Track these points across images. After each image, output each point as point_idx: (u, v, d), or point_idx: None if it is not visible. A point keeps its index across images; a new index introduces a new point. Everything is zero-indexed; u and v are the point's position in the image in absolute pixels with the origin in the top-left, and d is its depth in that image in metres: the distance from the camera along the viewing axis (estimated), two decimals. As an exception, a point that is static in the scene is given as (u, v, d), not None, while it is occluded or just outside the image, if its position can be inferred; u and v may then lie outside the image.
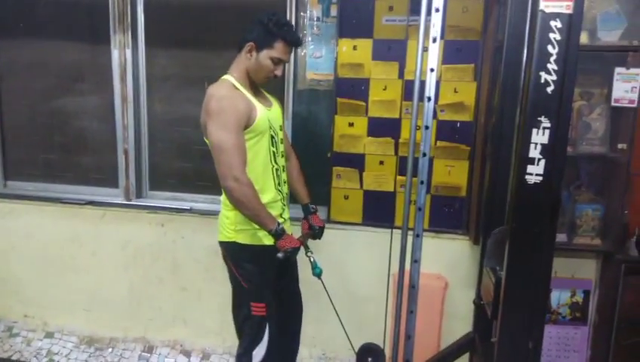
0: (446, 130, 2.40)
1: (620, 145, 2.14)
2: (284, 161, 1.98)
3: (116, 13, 2.64)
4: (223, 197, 1.90)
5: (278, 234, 1.78)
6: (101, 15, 2.67)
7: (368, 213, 2.56)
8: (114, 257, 2.80)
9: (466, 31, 2.31)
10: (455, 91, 2.36)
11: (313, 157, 2.56)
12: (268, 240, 1.86)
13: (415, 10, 2.31)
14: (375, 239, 2.53)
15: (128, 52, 2.67)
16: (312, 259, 1.94)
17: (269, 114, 1.88)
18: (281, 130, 1.97)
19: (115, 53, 2.68)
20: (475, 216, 2.31)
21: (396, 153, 2.47)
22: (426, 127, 1.80)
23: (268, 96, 1.99)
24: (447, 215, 2.49)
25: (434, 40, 1.75)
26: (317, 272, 1.94)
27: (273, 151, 1.90)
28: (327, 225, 2.26)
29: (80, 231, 2.81)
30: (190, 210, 2.73)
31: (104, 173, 2.88)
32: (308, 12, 2.50)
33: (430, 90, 1.77)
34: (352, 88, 2.45)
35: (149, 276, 2.79)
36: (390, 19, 2.37)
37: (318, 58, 2.53)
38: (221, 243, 1.91)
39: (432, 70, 1.77)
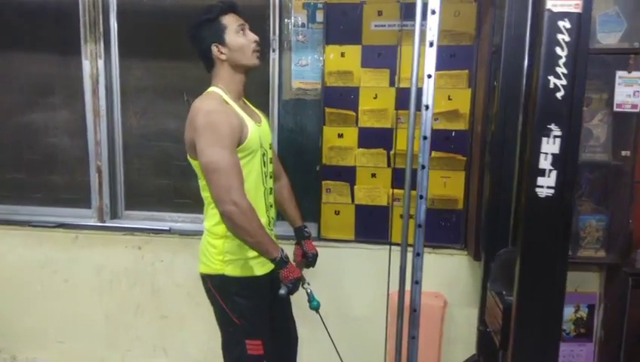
0: (440, 140, 2.29)
1: (623, 153, 2.06)
2: (272, 183, 1.83)
3: (87, 22, 2.49)
4: (207, 224, 1.72)
5: (283, 262, 1.60)
6: (71, 24, 2.51)
7: (361, 229, 2.43)
8: (88, 283, 2.61)
9: (459, 35, 2.22)
10: (449, 99, 2.26)
11: (301, 171, 2.43)
12: (260, 270, 1.71)
13: (406, 14, 2.23)
14: (369, 256, 2.40)
15: (100, 63, 2.51)
16: (308, 291, 1.73)
17: (259, 130, 1.73)
18: (270, 148, 1.82)
19: (87, 64, 2.52)
20: (475, 230, 2.20)
21: (389, 165, 2.35)
22: (424, 138, 1.68)
23: (256, 110, 1.84)
24: (444, 229, 2.38)
25: (431, 44, 1.64)
26: (314, 306, 1.74)
27: (264, 172, 1.75)
28: (317, 243, 2.13)
29: (51, 256, 2.62)
30: (170, 231, 2.56)
31: (76, 193, 2.70)
32: (292, 18, 2.38)
33: (428, 98, 1.66)
34: (340, 97, 2.33)
35: (126, 303, 2.60)
36: (379, 25, 2.26)
37: (304, 66, 2.41)
38: (205, 275, 1.73)
39: (429, 76, 1.66)
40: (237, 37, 1.66)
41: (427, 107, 1.66)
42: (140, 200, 2.69)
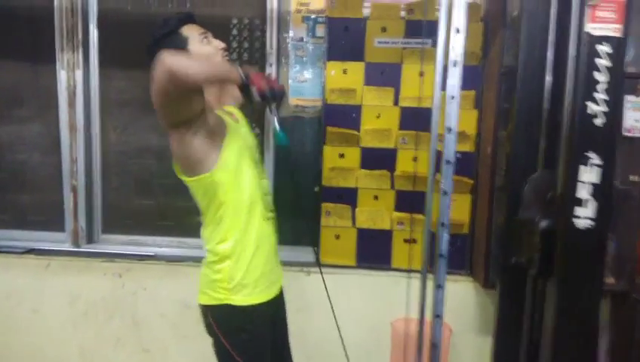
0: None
1: (631, 177, 2.04)
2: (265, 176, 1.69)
3: (64, 29, 2.29)
4: (209, 245, 1.56)
5: (247, 74, 1.39)
6: (46, 30, 2.31)
7: (362, 254, 2.32)
8: (60, 314, 2.37)
9: (467, 56, 2.15)
10: (453, 119, 2.19)
11: (299, 192, 2.29)
12: (267, 294, 1.56)
13: (411, 32, 2.16)
14: (371, 283, 2.29)
15: (78, 73, 2.32)
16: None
17: (237, 126, 1.60)
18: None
19: (63, 75, 2.32)
20: (484, 255, 2.13)
21: (392, 187, 2.25)
22: (448, 162, 1.59)
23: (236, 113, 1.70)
24: (448, 254, 2.28)
25: (454, 64, 1.56)
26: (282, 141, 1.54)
27: (257, 173, 1.61)
28: (315, 269, 2.00)
29: (19, 285, 2.37)
30: (154, 257, 2.37)
31: (48, 215, 2.47)
32: (291, 32, 2.27)
33: (451, 120, 1.57)
34: (342, 116, 2.22)
35: (103, 336, 2.38)
36: (383, 42, 2.18)
37: (303, 82, 2.30)
38: (206, 307, 1.57)
39: (452, 98, 1.57)
40: (202, 46, 1.52)
41: (450, 130, 1.57)
42: (119, 222, 2.49)
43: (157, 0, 2.34)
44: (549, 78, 1.70)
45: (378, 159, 2.24)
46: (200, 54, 1.50)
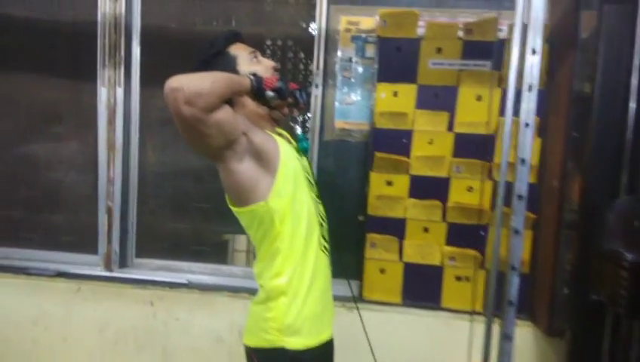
0: (505, 194, 2.04)
1: None
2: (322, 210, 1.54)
3: (106, 45, 2.24)
4: (262, 279, 1.40)
5: (259, 78, 1.30)
6: (87, 46, 2.27)
7: (409, 291, 2.15)
8: (89, 343, 2.28)
9: (530, 78, 1.99)
10: (516, 148, 2.02)
11: (342, 220, 2.14)
12: (329, 330, 1.41)
13: (468, 53, 2.02)
14: (418, 323, 2.11)
15: (119, 91, 2.26)
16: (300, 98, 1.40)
17: (293, 150, 1.45)
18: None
19: (103, 92, 2.26)
20: (548, 298, 1.93)
21: (444, 219, 2.09)
22: (519, 197, 1.43)
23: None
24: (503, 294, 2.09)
25: (530, 88, 1.41)
26: (304, 145, 1.47)
27: (314, 199, 1.44)
28: (359, 305, 1.85)
29: (47, 310, 2.29)
30: (187, 285, 2.25)
31: (80, 236, 2.40)
32: (339, 52, 2.16)
33: (525, 150, 1.41)
34: (391, 141, 2.09)
35: (132, 367, 2.26)
36: (438, 63, 2.05)
37: (350, 105, 2.18)
38: (252, 349, 1.42)
39: (527, 125, 1.41)
40: (251, 66, 1.40)
41: (524, 161, 1.42)
42: (153, 246, 2.40)
43: (202, 17, 2.27)
44: (633, 105, 1.53)
45: (429, 188, 2.09)
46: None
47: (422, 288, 2.13)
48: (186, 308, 2.22)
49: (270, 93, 1.30)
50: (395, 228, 2.12)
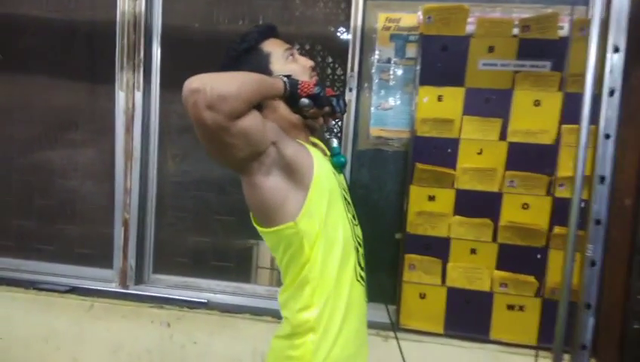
0: (566, 212, 1.80)
1: None
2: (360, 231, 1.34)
3: (125, 47, 2.11)
4: (287, 310, 1.21)
5: (293, 81, 1.13)
6: (105, 48, 2.15)
7: (453, 320, 1.93)
8: (101, 365, 2.13)
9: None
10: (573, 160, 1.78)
11: (377, 238, 1.96)
12: None
13: (525, 52, 1.80)
14: (463, 357, 1.89)
15: (138, 95, 2.12)
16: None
17: (329, 164, 1.26)
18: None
19: (121, 96, 2.13)
20: (617, 335, 1.68)
21: (495, 240, 1.87)
22: (597, 222, 1.20)
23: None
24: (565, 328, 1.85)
25: (611, 92, 1.18)
26: (342, 160, 1.27)
27: (350, 220, 1.27)
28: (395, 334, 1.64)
29: (58, 328, 2.16)
30: (207, 304, 2.09)
31: (95, 249, 2.27)
32: (376, 52, 1.97)
33: (605, 167, 1.19)
34: (434, 151, 1.88)
35: (145, 393, 2.10)
36: (489, 64, 1.83)
37: (387, 110, 1.98)
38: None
39: (607, 137, 1.19)
40: (287, 64, 1.22)
41: (603, 179, 1.19)
42: (171, 261, 2.25)
43: (227, 16, 2.11)
44: None
45: (478, 204, 1.87)
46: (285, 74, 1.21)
47: (468, 317, 1.91)
48: (205, 330, 2.06)
49: (305, 101, 1.12)
50: (438, 248, 1.91)
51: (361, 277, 1.25)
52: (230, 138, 1.00)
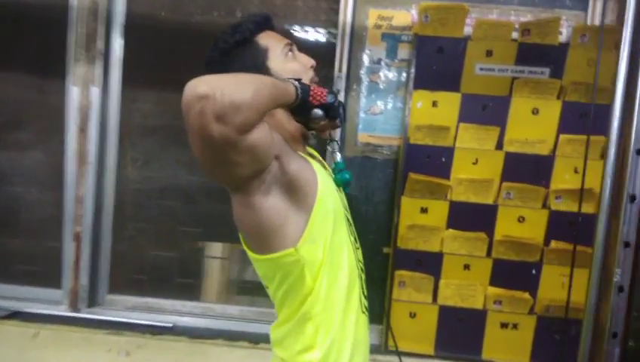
0: (562, 226, 1.75)
1: None
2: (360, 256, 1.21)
3: (81, 36, 1.87)
4: (285, 353, 1.06)
5: (305, 87, 0.98)
6: (57, 36, 1.90)
7: (444, 340, 1.84)
8: (46, 401, 1.87)
9: (596, 92, 1.71)
10: (576, 172, 1.74)
11: (364, 253, 1.81)
12: None
13: (524, 57, 1.73)
14: (456, 380, 1.79)
15: (95, 91, 1.90)
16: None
17: (332, 183, 1.11)
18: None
19: (74, 92, 1.89)
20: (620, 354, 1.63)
21: (489, 254, 1.79)
22: (627, 245, 1.12)
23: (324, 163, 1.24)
24: (557, 344, 1.80)
25: (643, 103, 1.11)
26: (347, 177, 1.12)
27: (353, 243, 1.13)
28: (383, 357, 1.53)
29: (-6, 360, 1.88)
30: (173, 329, 1.88)
31: (42, 266, 2.02)
32: (367, 52, 1.84)
33: (635, 185, 1.11)
34: (428, 160, 1.78)
35: None
36: (487, 68, 1.76)
37: (377, 115, 1.86)
38: None
39: (638, 152, 1.12)
40: (286, 62, 1.07)
41: (633, 198, 1.11)
42: (130, 280, 2.02)
43: (199, 6, 1.93)
44: None
45: (472, 217, 1.79)
46: (284, 73, 1.05)
47: (460, 336, 1.83)
48: (170, 359, 1.84)
49: (318, 112, 0.97)
50: (430, 264, 1.81)
51: (366, 307, 1.11)
52: (236, 155, 0.84)
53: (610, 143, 1.16)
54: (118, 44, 1.92)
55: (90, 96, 1.88)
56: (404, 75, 1.84)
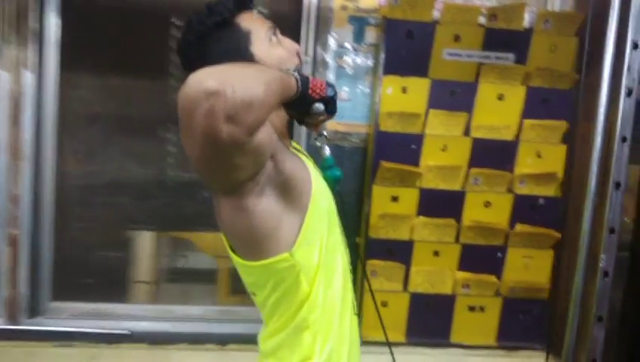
0: (525, 209, 1.81)
1: None
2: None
3: (10, 12, 1.63)
4: (268, 342, 1.00)
5: (305, 79, 0.89)
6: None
7: (415, 327, 1.85)
8: None
9: (557, 77, 1.77)
10: (538, 156, 1.80)
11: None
12: None
13: (490, 43, 1.74)
14: (427, 366, 1.82)
15: (29, 76, 1.67)
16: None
17: (317, 172, 1.04)
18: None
19: (4, 78, 1.66)
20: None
21: (457, 240, 1.81)
22: (611, 231, 1.16)
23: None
24: (521, 324, 1.87)
25: (628, 92, 1.14)
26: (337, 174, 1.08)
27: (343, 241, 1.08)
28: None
29: None
30: (131, 337, 1.74)
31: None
32: (332, 35, 1.77)
33: (620, 172, 1.15)
34: (398, 147, 1.76)
35: None
36: (454, 54, 1.75)
37: (345, 101, 1.80)
38: None
39: (624, 140, 1.15)
40: (271, 48, 0.98)
41: (618, 185, 1.15)
42: (77, 284, 1.84)
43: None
44: None
45: (441, 204, 1.80)
46: (269, 61, 0.96)
47: (429, 322, 1.85)
48: (129, 368, 1.72)
49: (320, 107, 0.90)
50: (401, 252, 1.81)
51: (356, 309, 1.07)
52: (240, 157, 0.76)
53: (597, 130, 1.18)
54: (54, 23, 1.70)
55: (23, 82, 1.66)
56: (372, 59, 1.79)
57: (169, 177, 1.79)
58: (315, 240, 0.93)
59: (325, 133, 1.10)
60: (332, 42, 1.77)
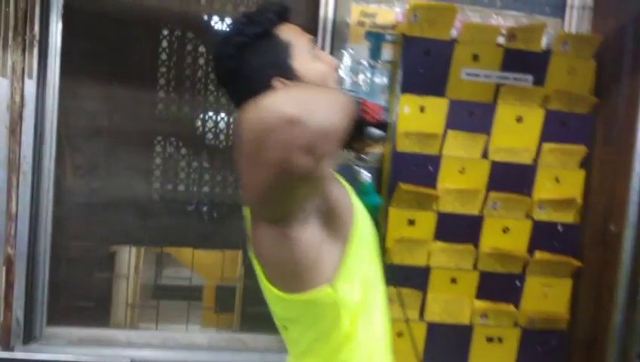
0: (543, 236, 1.76)
1: None
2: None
3: (11, 18, 1.57)
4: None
5: (359, 102, 0.86)
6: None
7: (431, 358, 1.76)
8: None
9: (575, 100, 1.74)
10: (557, 181, 1.76)
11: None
12: None
13: (509, 63, 1.71)
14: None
15: (30, 84, 1.61)
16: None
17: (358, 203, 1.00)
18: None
19: (4, 85, 1.58)
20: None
21: (476, 267, 1.75)
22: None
23: None
24: (539, 356, 1.81)
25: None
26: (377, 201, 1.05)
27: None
28: None
29: None
30: (131, 364, 1.65)
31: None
32: (349, 51, 1.73)
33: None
34: (415, 169, 1.70)
35: None
36: (472, 74, 1.72)
37: (359, 120, 1.74)
38: None
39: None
40: (312, 62, 0.92)
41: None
42: (74, 308, 1.75)
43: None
44: None
45: (459, 229, 1.74)
46: (310, 76, 0.90)
47: (446, 354, 1.77)
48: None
49: (377, 133, 0.85)
50: (417, 278, 1.74)
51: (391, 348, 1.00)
52: (306, 187, 0.71)
53: (635, 157, 1.14)
54: (56, 29, 1.64)
55: (24, 91, 1.59)
56: (388, 77, 1.75)
57: (178, 193, 1.72)
58: (356, 273, 0.86)
59: (367, 158, 1.04)
60: (348, 58, 1.73)
